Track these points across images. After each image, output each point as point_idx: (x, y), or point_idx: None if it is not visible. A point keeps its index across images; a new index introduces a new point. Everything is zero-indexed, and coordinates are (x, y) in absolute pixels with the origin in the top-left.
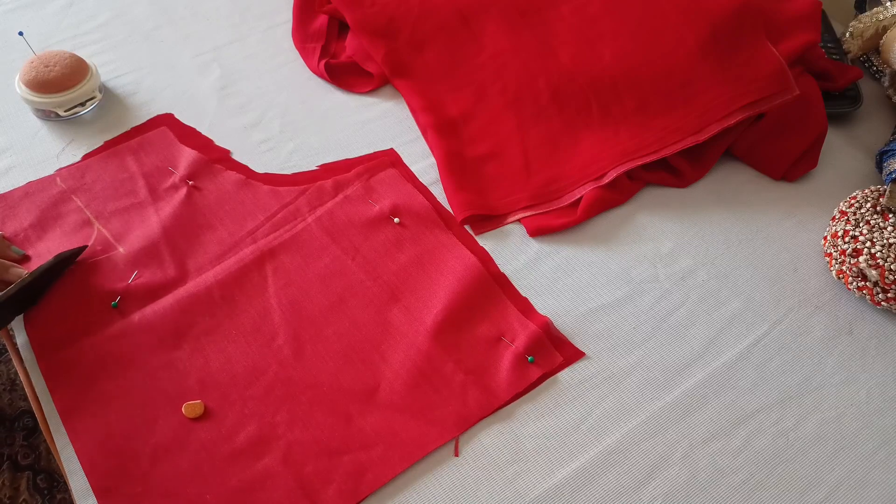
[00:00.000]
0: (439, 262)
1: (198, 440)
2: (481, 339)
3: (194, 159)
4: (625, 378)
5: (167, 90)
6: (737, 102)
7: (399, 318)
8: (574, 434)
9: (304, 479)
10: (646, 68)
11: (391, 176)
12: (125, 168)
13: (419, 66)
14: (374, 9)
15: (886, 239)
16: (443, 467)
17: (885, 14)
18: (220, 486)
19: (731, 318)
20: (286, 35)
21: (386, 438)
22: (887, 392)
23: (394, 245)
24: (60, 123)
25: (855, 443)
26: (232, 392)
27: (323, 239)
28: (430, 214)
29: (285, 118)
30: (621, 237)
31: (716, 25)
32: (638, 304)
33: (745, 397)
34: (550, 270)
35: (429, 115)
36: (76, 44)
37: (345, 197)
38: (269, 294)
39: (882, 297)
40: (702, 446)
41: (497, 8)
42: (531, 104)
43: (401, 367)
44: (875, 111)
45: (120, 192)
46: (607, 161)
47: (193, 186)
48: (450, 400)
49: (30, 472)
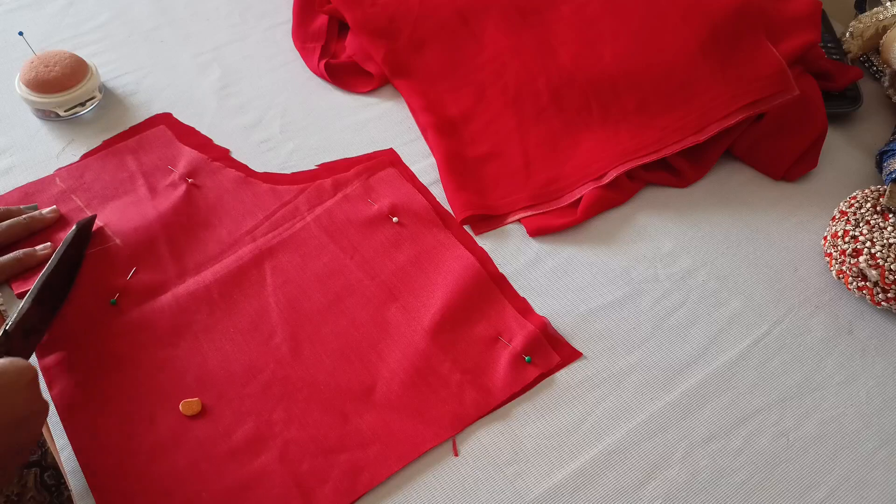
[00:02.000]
0: (437, 261)
1: (195, 438)
2: (478, 339)
3: (193, 158)
4: (625, 378)
5: (167, 90)
6: (737, 102)
7: (397, 317)
8: (574, 434)
9: (300, 478)
10: (646, 68)
11: (390, 175)
12: (124, 167)
13: (419, 66)
14: (374, 9)
15: (886, 239)
16: (443, 467)
17: (885, 14)
18: (216, 484)
19: (731, 318)
20: (286, 35)
21: (382, 437)
22: (887, 392)
23: (392, 244)
24: (60, 123)
25: (855, 443)
26: (229, 390)
27: (322, 238)
28: (429, 214)
29: (285, 118)
30: (621, 237)
31: (716, 25)
32: (638, 304)
33: (745, 397)
34: (550, 270)
35: (429, 115)
36: (76, 44)
37: (344, 196)
38: (268, 293)
39: (882, 297)
40: (702, 446)
41: (497, 8)
42: (531, 104)
43: (398, 366)
44: (875, 111)
45: (119, 191)
46: (607, 161)
47: (193, 184)
48: (447, 399)
49: (37, 469)
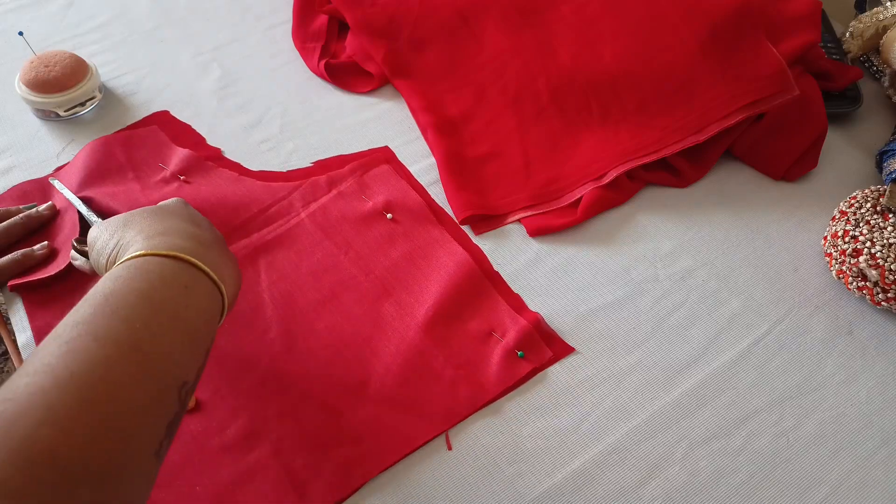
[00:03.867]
0: (431, 257)
1: (189, 432)
2: (472, 335)
3: (185, 156)
4: (625, 378)
5: (167, 90)
6: (737, 102)
7: (391, 312)
8: (574, 434)
9: (294, 472)
10: (646, 68)
11: (384, 172)
12: (114, 158)
13: (419, 66)
14: (374, 9)
15: (886, 239)
16: (442, 467)
17: (885, 14)
18: (210, 478)
19: (731, 318)
20: (286, 35)
21: (376, 432)
22: (887, 392)
23: (386, 241)
24: (60, 123)
25: (855, 443)
26: (223, 385)
27: (316, 234)
28: (423, 211)
29: (285, 118)
30: (621, 237)
31: (716, 25)
32: (638, 304)
33: (745, 397)
34: (550, 270)
35: (429, 115)
36: (76, 44)
37: (338, 193)
38: (262, 288)
39: (882, 297)
40: (702, 446)
41: (497, 8)
42: (531, 104)
43: (392, 361)
44: (875, 111)
45: (108, 181)
46: (607, 161)
47: (185, 181)
48: (440, 394)
49: None
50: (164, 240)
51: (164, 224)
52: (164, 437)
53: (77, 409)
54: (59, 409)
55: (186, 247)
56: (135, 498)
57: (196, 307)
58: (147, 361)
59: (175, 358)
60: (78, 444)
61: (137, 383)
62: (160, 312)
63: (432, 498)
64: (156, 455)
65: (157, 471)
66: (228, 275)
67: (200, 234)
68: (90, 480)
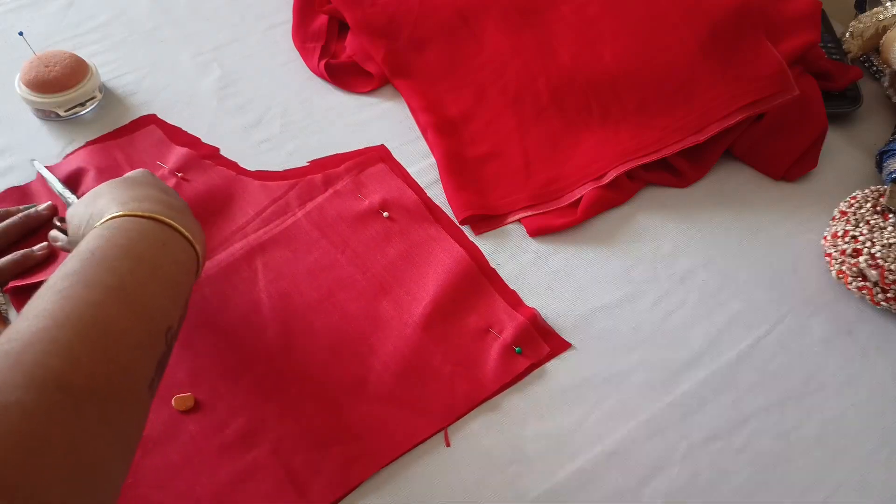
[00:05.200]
0: (428, 255)
1: (188, 432)
2: (469, 331)
3: (183, 154)
4: (625, 378)
5: (167, 90)
6: (737, 102)
7: (388, 310)
8: (574, 434)
9: (292, 471)
10: (646, 68)
11: (380, 171)
12: (111, 158)
13: (419, 66)
14: (374, 9)
15: (886, 239)
16: (442, 467)
17: (885, 14)
18: (210, 478)
19: (731, 319)
20: (286, 35)
21: (375, 430)
22: (888, 392)
23: (383, 239)
24: (60, 123)
25: (856, 443)
26: (222, 385)
27: (313, 233)
28: (419, 209)
29: (285, 118)
30: (621, 237)
31: (716, 25)
32: (638, 304)
33: (746, 398)
34: (550, 270)
35: (429, 115)
36: (76, 44)
37: (334, 192)
38: (260, 288)
39: (882, 297)
40: (702, 447)
41: (497, 8)
42: (531, 104)
43: (390, 359)
44: (875, 111)
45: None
46: (607, 161)
47: (183, 178)
48: (438, 391)
49: None
50: (138, 204)
51: (134, 191)
52: (154, 374)
53: (79, 343)
54: (62, 343)
55: (158, 210)
56: (132, 424)
57: (174, 260)
58: (135, 305)
59: (159, 303)
60: (83, 372)
61: (128, 323)
62: (142, 263)
63: (432, 498)
64: (149, 388)
65: (149, 405)
66: (199, 237)
67: (169, 199)
68: (96, 401)
